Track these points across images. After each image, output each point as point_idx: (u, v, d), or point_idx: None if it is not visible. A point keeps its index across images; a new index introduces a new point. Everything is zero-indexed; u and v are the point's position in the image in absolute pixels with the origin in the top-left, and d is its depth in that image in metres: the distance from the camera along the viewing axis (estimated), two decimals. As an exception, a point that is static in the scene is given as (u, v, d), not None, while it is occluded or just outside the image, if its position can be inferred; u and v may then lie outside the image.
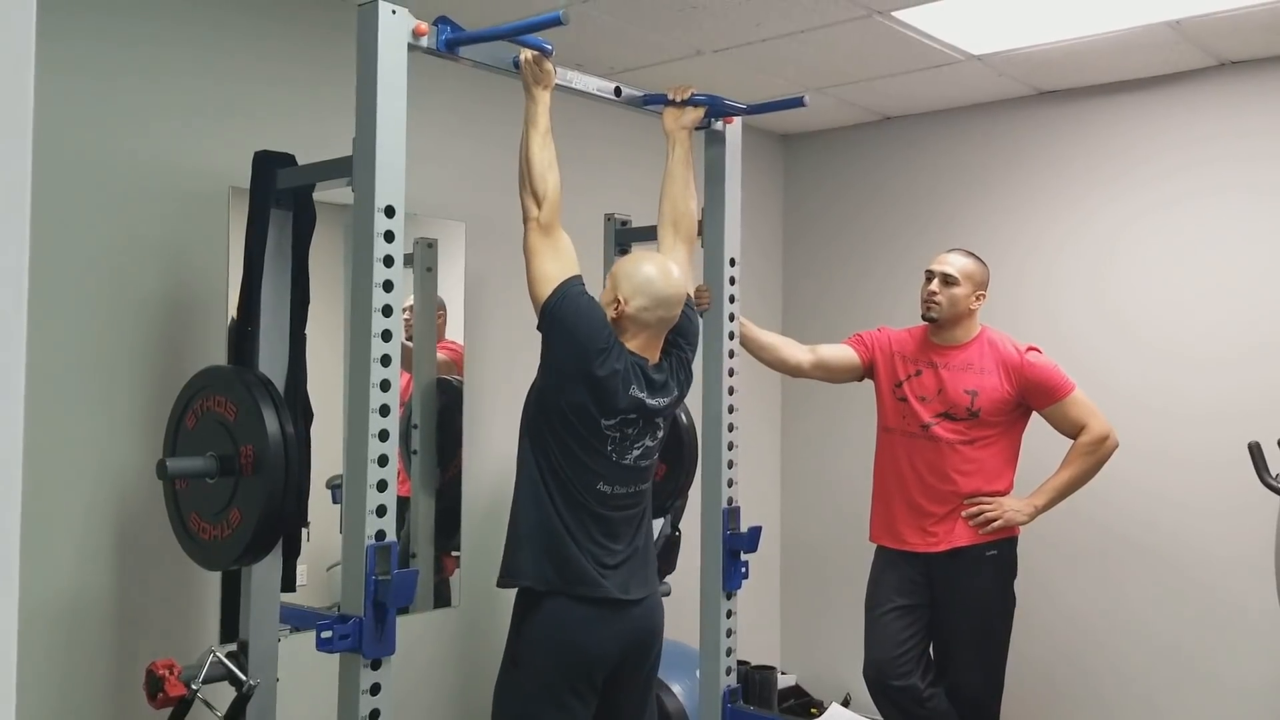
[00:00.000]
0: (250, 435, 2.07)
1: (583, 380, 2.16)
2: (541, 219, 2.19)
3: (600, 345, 2.18)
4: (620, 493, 2.27)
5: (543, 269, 2.20)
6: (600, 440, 2.21)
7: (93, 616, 2.44)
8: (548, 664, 2.18)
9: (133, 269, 2.52)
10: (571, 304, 2.18)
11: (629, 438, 2.25)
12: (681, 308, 2.34)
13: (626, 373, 2.21)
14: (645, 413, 2.27)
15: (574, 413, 2.18)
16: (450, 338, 3.22)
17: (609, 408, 2.19)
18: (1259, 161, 3.39)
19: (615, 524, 2.27)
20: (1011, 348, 3.02)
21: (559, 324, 2.17)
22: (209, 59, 2.67)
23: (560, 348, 2.18)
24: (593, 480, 2.23)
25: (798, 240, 4.50)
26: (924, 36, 3.19)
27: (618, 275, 2.30)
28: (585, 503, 2.22)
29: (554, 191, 2.20)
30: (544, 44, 2.18)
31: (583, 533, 2.21)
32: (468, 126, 3.25)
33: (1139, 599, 3.57)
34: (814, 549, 4.37)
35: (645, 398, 2.26)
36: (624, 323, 2.26)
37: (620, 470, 2.26)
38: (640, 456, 2.30)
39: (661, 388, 2.31)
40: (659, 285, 2.26)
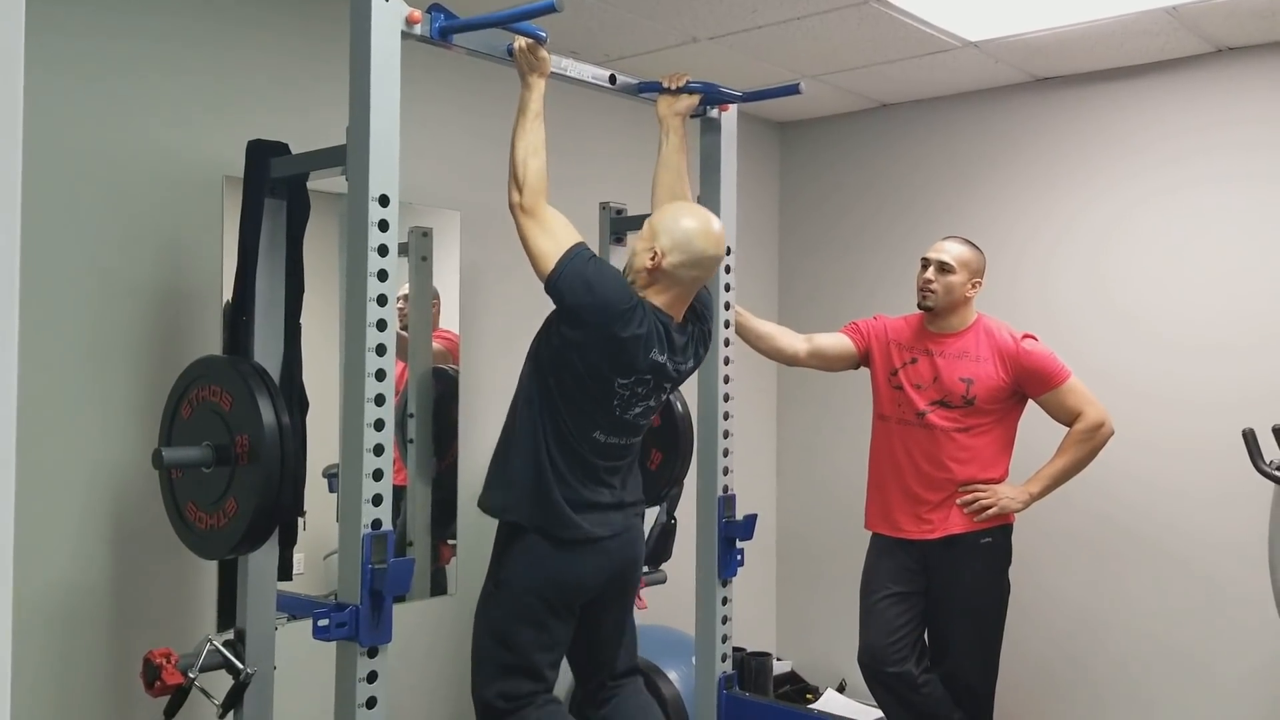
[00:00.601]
0: (245, 425, 2.07)
1: (603, 342, 2.16)
2: (524, 203, 2.18)
3: (622, 306, 2.17)
4: (614, 442, 2.30)
5: (537, 248, 2.19)
6: (608, 397, 2.23)
7: (90, 605, 2.45)
8: (528, 590, 2.24)
9: (127, 259, 2.52)
10: (578, 273, 2.15)
11: (637, 396, 2.27)
12: (719, 267, 2.32)
13: (650, 335, 2.20)
14: (660, 376, 2.27)
15: (588, 372, 2.19)
16: (445, 327, 3.22)
17: (626, 368, 2.20)
18: (1256, 149, 3.38)
19: (602, 471, 2.31)
20: (1007, 335, 3.02)
21: (571, 294, 2.16)
22: (202, 47, 2.65)
23: (578, 314, 2.17)
24: (590, 428, 2.25)
25: (794, 228, 4.50)
26: (920, 23, 3.18)
27: (658, 226, 2.27)
28: (578, 449, 2.25)
29: (534, 176, 2.18)
30: (538, 31, 2.18)
31: (571, 476, 2.25)
32: (463, 115, 3.24)
33: (1133, 586, 3.59)
34: (809, 536, 4.38)
35: (664, 361, 2.25)
36: (655, 276, 2.25)
37: (618, 423, 2.29)
38: (640, 414, 2.32)
39: (681, 350, 2.31)
40: (700, 245, 2.25)
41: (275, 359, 2.27)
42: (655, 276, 2.25)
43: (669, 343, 2.26)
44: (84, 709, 2.43)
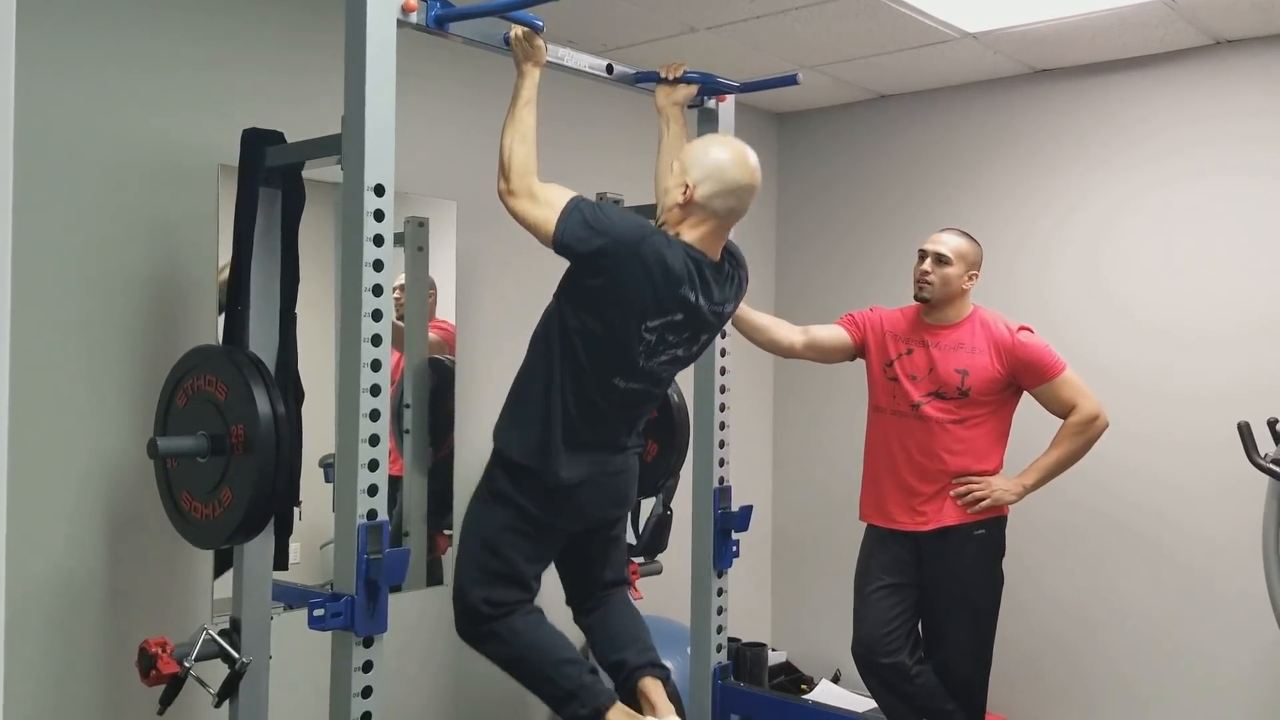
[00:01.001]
0: (241, 414, 2.06)
1: (626, 281, 2.06)
2: (511, 188, 2.13)
3: (635, 235, 2.07)
4: (634, 388, 2.21)
5: (534, 220, 2.11)
6: (633, 342, 2.12)
7: (85, 595, 2.45)
8: (522, 510, 2.19)
9: (122, 248, 2.51)
10: (580, 222, 2.07)
11: (666, 343, 2.17)
12: (753, 200, 2.23)
13: (679, 270, 2.09)
14: (694, 318, 2.17)
15: (614, 316, 2.10)
16: (442, 317, 3.22)
17: (653, 307, 2.09)
18: (1254, 142, 3.38)
19: (618, 422, 2.25)
20: (1003, 327, 3.02)
21: (579, 243, 2.07)
22: (197, 36, 2.64)
23: (593, 259, 2.07)
24: (610, 374, 2.16)
25: (791, 219, 4.49)
26: (918, 14, 3.17)
27: (686, 160, 2.20)
28: (594, 399, 2.17)
29: (520, 163, 2.13)
30: (535, 20, 2.17)
31: (583, 426, 2.17)
32: (460, 104, 3.23)
33: (1126, 579, 3.60)
34: (805, 528, 4.39)
35: (698, 300, 2.14)
36: (688, 210, 2.16)
37: (641, 372, 2.19)
38: (666, 364, 2.23)
39: (720, 290, 2.21)
40: (732, 172, 2.18)
41: (270, 349, 2.26)
42: (687, 211, 2.16)
43: (702, 281, 2.14)
44: (79, 698, 2.43)
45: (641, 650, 2.31)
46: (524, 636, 2.18)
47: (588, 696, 2.13)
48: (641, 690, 2.26)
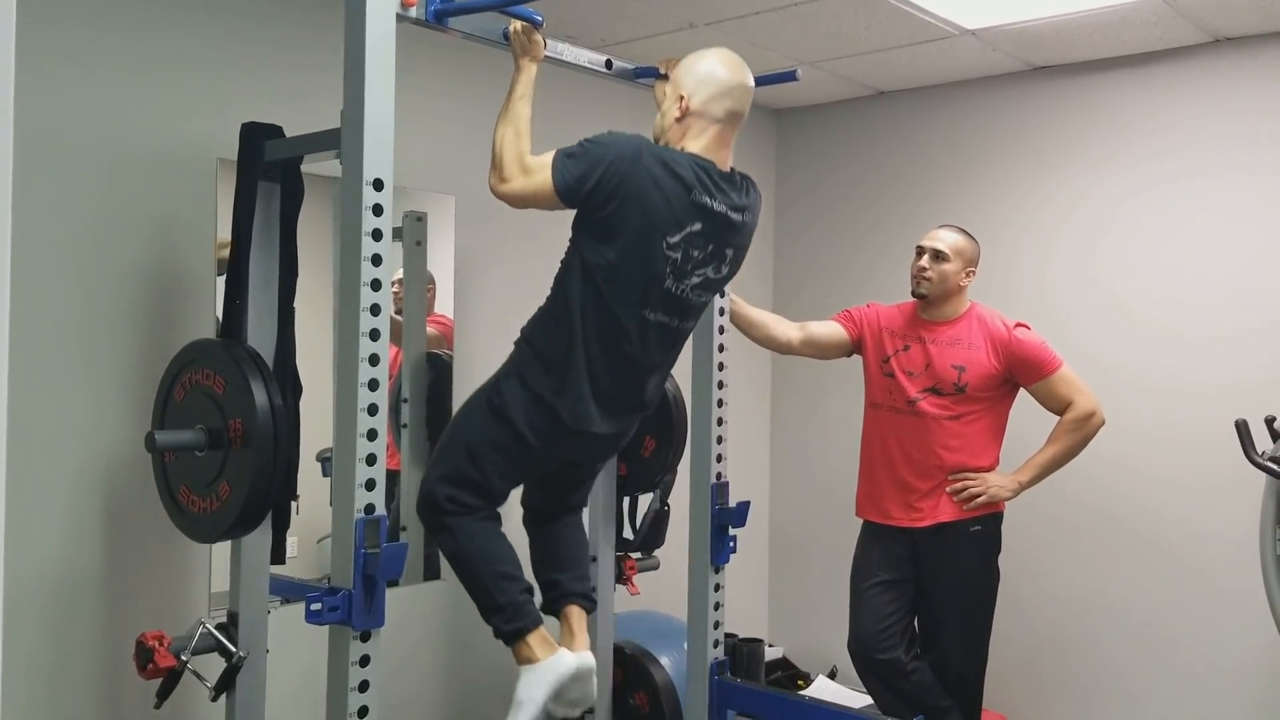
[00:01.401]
0: (239, 408, 2.06)
1: (635, 198, 2.03)
2: (503, 176, 2.11)
3: (630, 148, 2.05)
4: (663, 322, 2.17)
5: (531, 190, 2.08)
6: (658, 263, 2.09)
7: (83, 588, 2.45)
8: (518, 436, 2.16)
9: (120, 242, 2.51)
10: (570, 164, 2.05)
11: (692, 260, 2.13)
12: (750, 101, 2.21)
13: (687, 177, 2.07)
14: (715, 226, 2.13)
15: (634, 239, 2.06)
16: (440, 311, 3.22)
17: (668, 221, 2.06)
18: (1253, 140, 3.38)
19: (641, 375, 2.21)
20: (1000, 324, 3.03)
21: (579, 180, 2.05)
22: (196, 30, 2.64)
23: (597, 190, 2.05)
24: (639, 306, 2.12)
25: (789, 215, 4.49)
26: (917, 10, 3.17)
27: (677, 77, 2.19)
28: (621, 342, 2.13)
29: (511, 155, 2.12)
30: (534, 15, 2.17)
31: (605, 379, 2.14)
32: (459, 99, 3.23)
33: (1123, 576, 3.60)
34: (802, 524, 4.40)
35: (715, 205, 2.11)
36: (688, 122, 2.15)
37: (672, 300, 2.15)
38: (698, 288, 2.19)
39: (736, 195, 2.18)
40: (723, 74, 2.17)
41: (269, 343, 2.26)
42: (687, 123, 2.14)
43: (714, 184, 2.11)
44: (77, 691, 2.43)
45: (578, 578, 2.35)
46: (476, 540, 2.17)
47: (515, 614, 2.14)
48: (567, 615, 2.29)
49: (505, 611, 2.14)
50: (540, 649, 2.14)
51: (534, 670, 2.13)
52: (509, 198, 2.13)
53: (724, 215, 2.16)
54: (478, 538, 2.17)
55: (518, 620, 2.14)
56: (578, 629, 2.28)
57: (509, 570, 2.17)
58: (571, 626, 2.28)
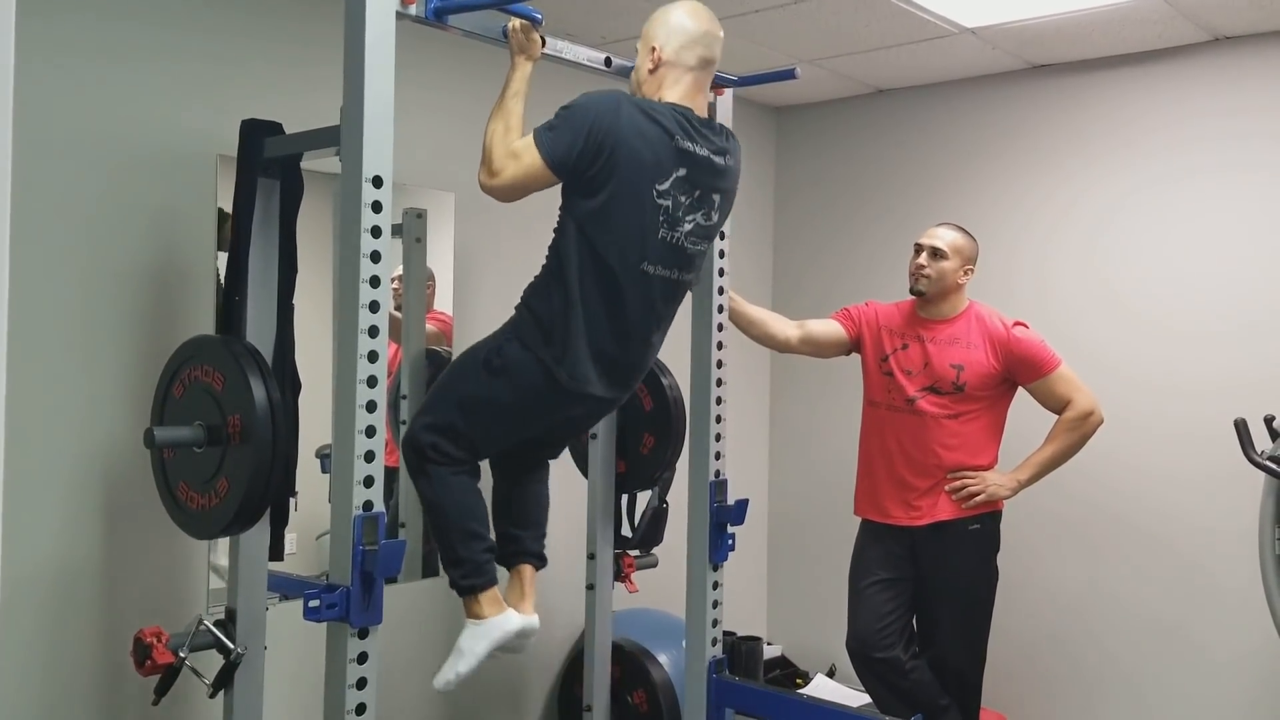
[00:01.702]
0: (238, 405, 2.06)
1: (619, 149, 2.07)
2: (494, 168, 2.12)
3: (606, 103, 2.10)
4: (661, 275, 2.21)
5: (522, 172, 2.10)
6: (651, 211, 2.13)
7: (81, 584, 2.45)
8: (514, 399, 2.21)
9: (120, 237, 2.51)
10: (552, 136, 2.08)
11: (682, 206, 2.18)
12: (721, 47, 2.26)
13: (666, 123, 2.12)
14: (699, 170, 2.18)
15: (623, 192, 2.09)
16: (439, 308, 3.22)
17: (655, 167, 2.11)
18: (1252, 138, 3.38)
19: (637, 332, 2.23)
20: (998, 322, 3.03)
21: (565, 146, 2.08)
22: (196, 26, 2.64)
23: (585, 153, 2.08)
24: (637, 259, 2.15)
25: (789, 213, 4.49)
26: (917, 8, 3.17)
27: (647, 31, 2.26)
28: (617, 295, 2.15)
29: (499, 150, 2.13)
30: (533, 13, 2.17)
31: (601, 334, 2.17)
32: (458, 96, 3.23)
33: (1123, 573, 3.61)
34: (801, 522, 4.40)
35: (697, 149, 2.17)
36: (662, 73, 2.21)
37: (669, 250, 2.19)
38: (692, 236, 2.23)
39: (716, 138, 2.22)
40: (691, 23, 2.23)
41: (268, 339, 2.26)
42: (661, 74, 2.21)
43: (694, 129, 2.17)
44: (74, 687, 2.43)
45: (537, 538, 2.43)
46: (453, 493, 2.23)
47: (473, 571, 2.24)
48: (520, 572, 2.38)
49: (464, 566, 2.24)
50: (489, 607, 2.25)
51: (480, 625, 2.25)
52: (501, 189, 2.13)
53: (707, 159, 2.21)
54: (455, 490, 2.24)
55: (474, 577, 2.24)
56: (528, 589, 2.38)
57: (477, 529, 2.26)
58: (523, 586, 2.37)
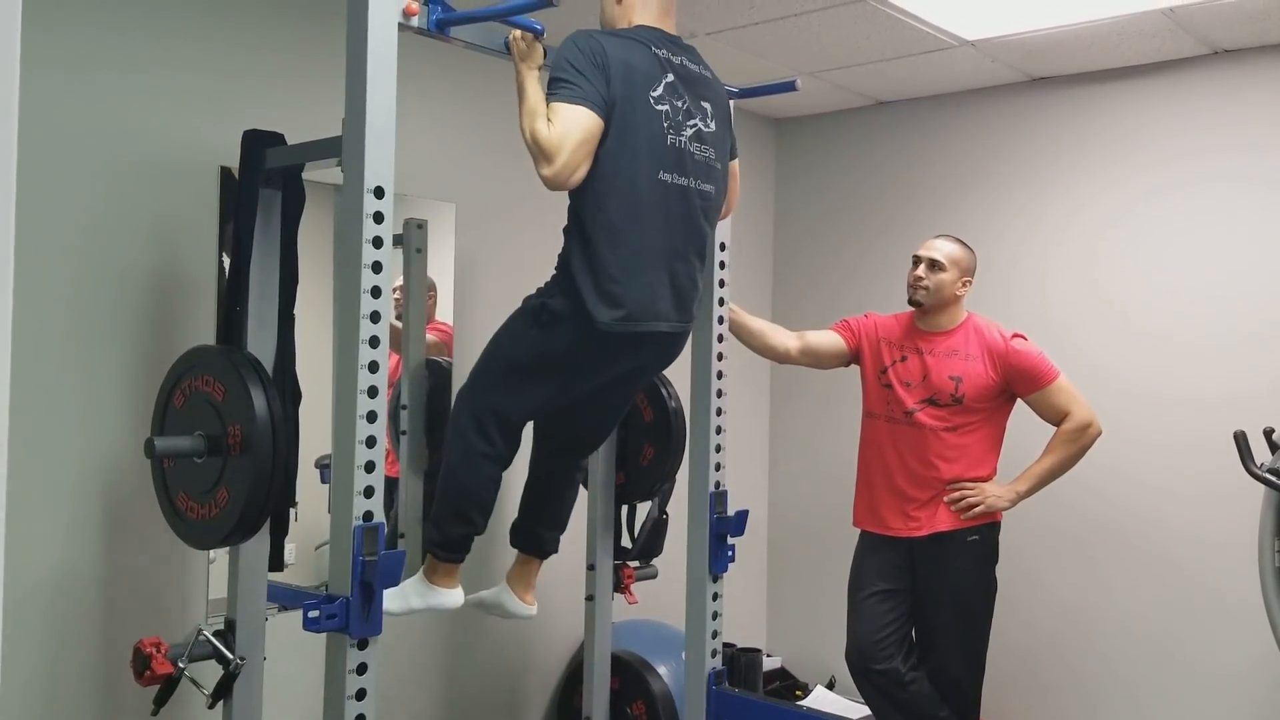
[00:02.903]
0: (238, 415, 2.06)
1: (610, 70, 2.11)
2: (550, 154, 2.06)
3: (588, 32, 2.16)
4: (680, 184, 2.23)
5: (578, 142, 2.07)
6: (654, 119, 2.17)
7: (80, 594, 2.44)
8: (568, 345, 2.22)
9: (122, 247, 2.51)
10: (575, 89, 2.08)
11: (679, 111, 2.22)
12: None
13: (641, 34, 2.21)
14: (681, 76, 2.24)
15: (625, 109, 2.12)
16: (440, 318, 3.22)
17: (644, 78, 2.15)
18: (1252, 151, 3.39)
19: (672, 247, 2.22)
20: (997, 334, 3.03)
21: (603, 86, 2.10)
22: (199, 37, 2.64)
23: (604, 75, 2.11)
24: (653, 169, 2.17)
25: (789, 224, 4.50)
26: (917, 21, 3.18)
27: None
28: (640, 209, 2.15)
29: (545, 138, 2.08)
30: (535, 24, 2.17)
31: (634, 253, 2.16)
32: (460, 107, 3.24)
33: (1122, 585, 3.60)
34: (800, 533, 4.40)
35: (674, 58, 2.24)
36: (628, 2, 2.28)
37: (679, 155, 2.22)
38: (695, 138, 2.26)
39: (686, 54, 2.29)
40: None
41: (269, 349, 2.26)
42: (625, 5, 2.28)
43: (666, 41, 2.25)
44: (74, 697, 2.43)
45: (555, 538, 2.53)
46: (472, 474, 2.30)
47: (447, 545, 2.33)
48: (529, 563, 2.50)
49: (444, 536, 2.33)
50: (444, 579, 2.35)
51: (429, 588, 2.35)
52: (567, 166, 2.06)
53: (683, 66, 2.28)
54: (474, 473, 2.30)
55: (448, 550, 2.33)
56: (534, 580, 2.51)
57: (473, 515, 2.32)
58: (530, 577, 2.50)
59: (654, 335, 2.24)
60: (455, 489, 2.31)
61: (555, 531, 2.52)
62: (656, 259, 2.21)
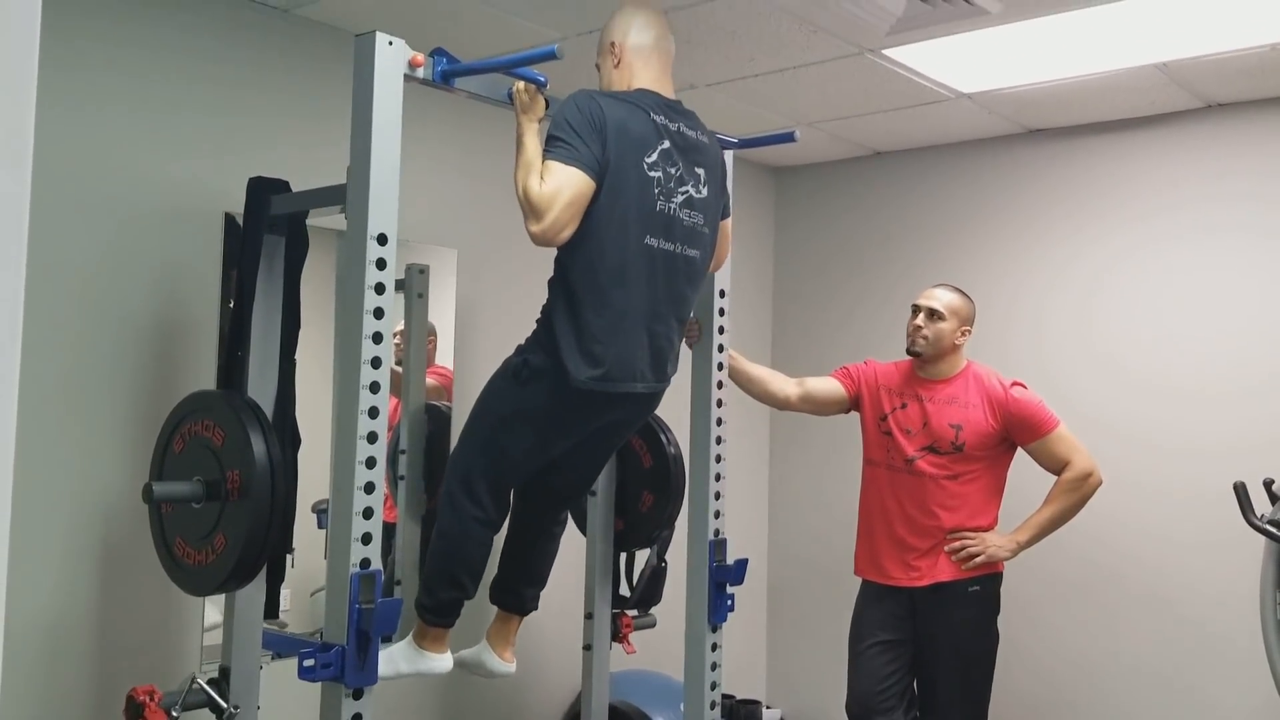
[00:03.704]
0: (237, 460, 2.06)
1: (607, 136, 2.13)
2: (539, 211, 2.09)
3: (586, 93, 2.18)
4: (666, 249, 2.24)
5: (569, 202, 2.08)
6: (646, 185, 2.19)
7: (75, 640, 2.42)
8: (549, 402, 2.24)
9: (125, 291, 2.52)
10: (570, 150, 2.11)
11: (672, 178, 2.24)
12: (669, 30, 2.38)
13: (638, 104, 2.22)
14: (678, 144, 2.26)
15: (617, 172, 2.14)
16: (440, 363, 3.23)
17: (638, 143, 2.17)
18: (1244, 201, 3.43)
19: (654, 310, 2.23)
20: (996, 382, 3.04)
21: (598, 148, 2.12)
22: (207, 86, 2.68)
23: (599, 138, 2.13)
24: (639, 233, 2.19)
25: (788, 271, 4.52)
26: (914, 74, 3.23)
27: (602, 39, 2.36)
28: (625, 272, 2.17)
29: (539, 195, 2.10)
30: (538, 76, 2.20)
31: (616, 315, 2.17)
32: (462, 155, 3.27)
33: (1125, 633, 3.58)
34: (801, 582, 4.37)
35: (672, 124, 2.26)
36: (628, 62, 2.30)
37: (667, 221, 2.23)
38: (686, 205, 2.28)
39: (684, 119, 2.31)
40: (642, 15, 2.34)
41: (269, 394, 2.27)
42: (627, 64, 2.30)
43: (664, 107, 2.27)
44: (64, 745, 2.40)
45: (537, 595, 2.54)
46: (463, 538, 2.31)
47: (439, 609, 2.34)
48: (509, 621, 2.51)
49: (434, 600, 2.33)
50: (434, 644, 2.35)
51: (418, 654, 2.35)
52: (555, 224, 2.08)
53: (680, 133, 2.30)
54: (465, 537, 2.32)
55: (438, 615, 2.34)
56: (514, 637, 2.52)
57: (463, 579, 2.33)
58: (509, 635, 2.51)
59: (631, 395, 2.27)
60: (446, 553, 2.32)
61: (535, 588, 2.52)
62: (638, 321, 2.23)
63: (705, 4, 2.67)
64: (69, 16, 2.41)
